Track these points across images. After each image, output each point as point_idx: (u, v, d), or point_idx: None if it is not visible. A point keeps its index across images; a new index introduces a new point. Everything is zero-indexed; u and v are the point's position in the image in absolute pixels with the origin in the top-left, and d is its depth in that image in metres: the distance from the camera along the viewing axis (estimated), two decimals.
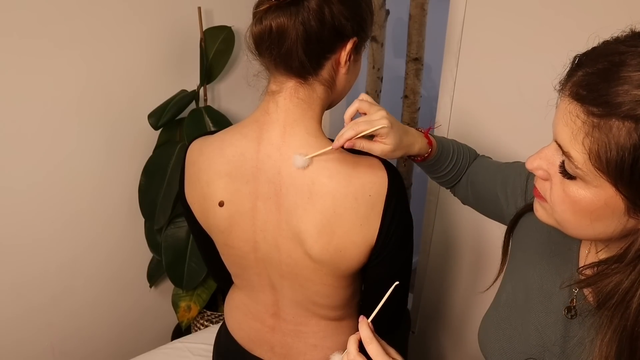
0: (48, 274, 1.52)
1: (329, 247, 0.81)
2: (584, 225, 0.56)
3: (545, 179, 0.59)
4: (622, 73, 0.48)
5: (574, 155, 0.52)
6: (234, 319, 1.03)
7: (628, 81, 0.47)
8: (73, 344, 1.64)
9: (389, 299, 0.74)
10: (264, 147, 0.81)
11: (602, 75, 0.49)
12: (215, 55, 1.54)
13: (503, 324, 0.74)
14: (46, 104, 1.37)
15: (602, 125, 0.49)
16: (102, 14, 1.39)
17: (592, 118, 0.49)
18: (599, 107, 0.49)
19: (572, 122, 0.51)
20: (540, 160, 0.58)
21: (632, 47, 0.49)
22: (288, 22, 0.74)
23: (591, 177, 0.52)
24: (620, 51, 0.49)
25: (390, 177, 0.80)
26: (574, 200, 0.55)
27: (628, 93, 0.47)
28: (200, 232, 0.95)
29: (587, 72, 0.51)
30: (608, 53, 0.51)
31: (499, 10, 1.22)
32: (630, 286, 0.53)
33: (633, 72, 0.47)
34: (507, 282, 0.79)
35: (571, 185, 0.54)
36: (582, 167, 0.52)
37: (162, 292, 1.82)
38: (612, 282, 0.55)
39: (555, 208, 0.58)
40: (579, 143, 0.51)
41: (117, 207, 1.59)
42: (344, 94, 0.87)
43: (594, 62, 0.51)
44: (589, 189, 0.53)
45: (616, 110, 0.47)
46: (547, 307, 0.69)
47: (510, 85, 1.23)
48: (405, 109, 1.85)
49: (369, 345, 0.68)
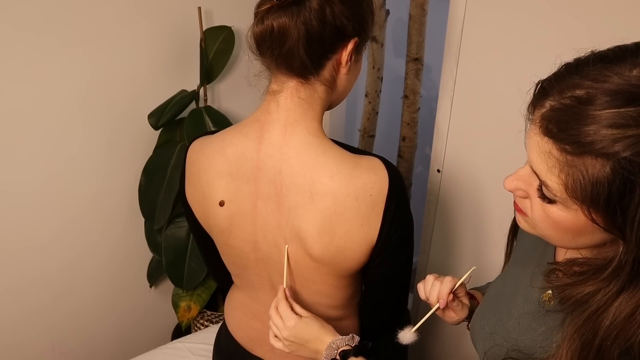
0: (48, 274, 1.52)
1: (329, 246, 0.81)
2: (566, 239, 0.58)
3: (525, 197, 0.60)
4: (589, 112, 0.49)
5: (551, 185, 0.53)
6: (234, 319, 1.03)
7: (596, 120, 0.48)
8: (73, 344, 1.64)
9: (390, 298, 0.75)
10: (264, 147, 0.81)
11: (571, 114, 0.50)
12: (215, 55, 1.54)
13: (488, 314, 0.76)
14: (46, 105, 1.37)
15: (576, 162, 0.50)
16: (101, 15, 1.38)
17: (565, 155, 0.51)
18: (570, 146, 0.50)
19: (547, 158, 0.53)
20: (517, 182, 0.60)
21: (596, 82, 0.50)
22: (289, 22, 0.74)
23: (569, 203, 0.53)
24: (586, 86, 0.50)
25: (390, 177, 0.80)
26: (555, 221, 0.56)
27: (598, 133, 0.48)
28: (201, 232, 0.95)
29: (555, 107, 0.52)
30: (573, 86, 0.51)
31: (499, 10, 1.22)
32: (603, 303, 0.54)
33: (600, 111, 0.48)
34: (499, 279, 0.81)
35: (551, 208, 0.56)
36: (560, 195, 0.53)
37: (162, 292, 1.82)
38: (584, 291, 0.56)
39: (537, 225, 0.59)
40: (555, 175, 0.52)
41: (117, 207, 1.59)
42: (345, 94, 0.87)
43: (560, 94, 0.52)
44: (569, 212, 0.54)
45: (588, 149, 0.49)
46: (526, 297, 0.71)
47: (510, 85, 1.23)
48: (405, 109, 1.85)
49: (278, 305, 0.86)
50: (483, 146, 1.35)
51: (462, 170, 1.44)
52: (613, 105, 0.48)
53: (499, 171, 1.29)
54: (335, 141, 0.83)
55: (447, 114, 1.41)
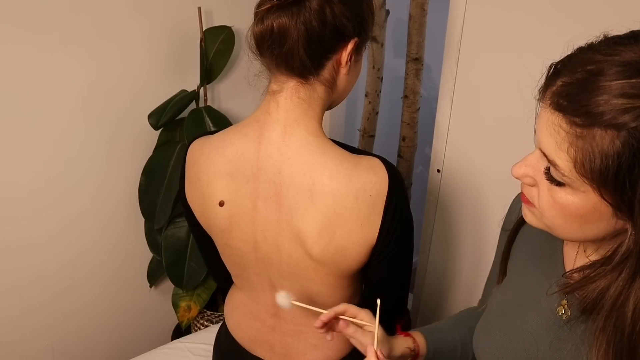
0: (48, 274, 1.52)
1: (329, 247, 0.81)
2: (574, 228, 0.57)
3: (532, 185, 0.59)
4: (600, 83, 0.48)
5: (559, 164, 0.52)
6: (234, 319, 1.03)
7: (607, 91, 0.48)
8: (73, 344, 1.64)
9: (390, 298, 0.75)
10: (264, 147, 0.81)
11: (582, 86, 0.50)
12: (215, 55, 1.54)
13: (493, 331, 0.74)
14: (46, 105, 1.37)
15: (586, 134, 0.49)
16: (101, 15, 1.38)
17: (575, 128, 0.50)
18: (581, 117, 0.49)
19: (556, 133, 0.52)
20: (525, 168, 0.59)
21: (607, 55, 0.50)
22: (289, 22, 0.74)
23: (578, 184, 0.52)
24: (597, 60, 0.50)
25: (390, 177, 0.80)
26: (563, 206, 0.55)
27: (608, 102, 0.47)
28: (201, 232, 0.95)
29: (566, 82, 0.52)
30: (585, 62, 0.51)
31: (499, 10, 1.22)
32: (618, 293, 0.53)
33: (611, 82, 0.48)
34: (498, 292, 0.79)
35: (559, 192, 0.55)
36: (568, 175, 0.52)
37: (162, 292, 1.82)
38: (598, 287, 0.55)
39: (544, 213, 0.58)
40: (563, 152, 0.51)
41: (117, 207, 1.59)
42: (345, 94, 0.87)
43: (572, 71, 0.52)
44: (577, 195, 0.53)
45: (598, 120, 0.48)
46: (537, 311, 0.69)
47: (510, 85, 1.23)
48: (405, 109, 1.85)
49: None
50: (483, 146, 1.35)
51: (462, 170, 1.44)
52: (624, 76, 0.48)
53: (499, 171, 1.29)
54: (335, 141, 0.83)
55: (447, 114, 1.41)
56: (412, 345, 0.86)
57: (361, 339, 0.78)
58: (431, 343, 0.88)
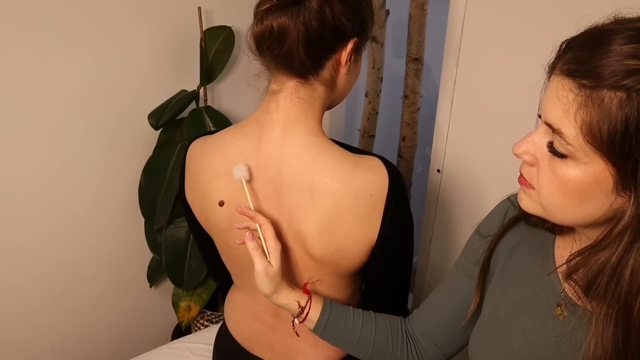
0: (48, 274, 1.52)
1: (329, 246, 0.81)
2: (571, 207, 0.56)
3: (532, 164, 0.58)
4: (611, 46, 0.49)
5: (565, 131, 0.52)
6: (234, 319, 1.03)
7: (618, 52, 0.48)
8: (73, 344, 1.64)
9: (390, 298, 0.75)
10: (264, 147, 0.81)
11: (592, 50, 0.50)
12: (215, 55, 1.54)
13: (489, 340, 0.73)
14: (46, 104, 1.37)
15: (594, 97, 0.49)
16: (101, 15, 1.38)
17: (583, 90, 0.50)
18: (589, 80, 0.49)
19: (564, 97, 0.52)
20: (527, 145, 0.58)
21: (619, 24, 0.51)
22: (289, 22, 0.74)
23: (581, 153, 0.52)
24: (609, 29, 0.51)
25: (391, 177, 0.80)
26: (563, 180, 0.55)
27: (617, 64, 0.48)
28: (200, 232, 0.95)
29: (576, 51, 0.52)
30: (596, 32, 0.52)
31: (499, 10, 1.22)
32: (619, 260, 0.53)
33: (622, 45, 0.49)
34: (489, 301, 0.77)
35: (560, 165, 0.54)
36: (573, 143, 0.52)
37: (162, 292, 1.82)
38: (600, 259, 0.54)
39: (542, 191, 0.58)
40: (570, 117, 0.51)
41: (117, 207, 1.59)
42: (344, 94, 0.87)
43: (583, 41, 0.52)
44: (578, 167, 0.53)
45: (607, 82, 0.48)
46: (532, 317, 0.69)
47: (510, 85, 1.23)
48: (405, 109, 1.85)
49: None
50: (483, 146, 1.35)
51: (462, 170, 1.44)
52: (635, 40, 0.48)
53: (499, 171, 1.29)
54: (335, 141, 0.83)
55: (447, 114, 1.41)
56: (304, 303, 0.82)
57: (257, 259, 0.77)
58: (328, 315, 0.83)
